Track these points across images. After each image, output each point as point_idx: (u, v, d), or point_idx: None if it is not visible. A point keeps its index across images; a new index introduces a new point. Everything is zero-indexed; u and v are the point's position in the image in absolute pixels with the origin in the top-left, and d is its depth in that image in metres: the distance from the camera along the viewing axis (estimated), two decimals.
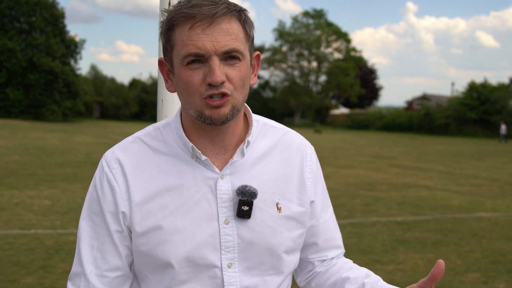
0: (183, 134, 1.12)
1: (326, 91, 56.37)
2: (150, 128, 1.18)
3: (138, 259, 1.13)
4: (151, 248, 1.09)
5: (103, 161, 1.13)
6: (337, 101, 61.15)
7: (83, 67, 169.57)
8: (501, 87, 41.88)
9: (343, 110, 58.93)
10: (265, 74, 57.18)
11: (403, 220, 7.62)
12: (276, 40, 56.29)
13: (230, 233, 1.10)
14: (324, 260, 1.27)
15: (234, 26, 1.04)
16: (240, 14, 1.05)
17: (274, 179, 1.14)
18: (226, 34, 1.02)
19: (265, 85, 56.61)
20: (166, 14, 1.06)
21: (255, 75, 1.14)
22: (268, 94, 57.65)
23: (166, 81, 1.12)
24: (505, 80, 45.47)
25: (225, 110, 1.04)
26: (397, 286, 1.18)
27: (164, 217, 1.08)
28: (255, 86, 59.30)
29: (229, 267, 1.10)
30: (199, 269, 1.09)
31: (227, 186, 1.10)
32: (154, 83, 51.22)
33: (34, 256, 5.09)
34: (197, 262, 1.09)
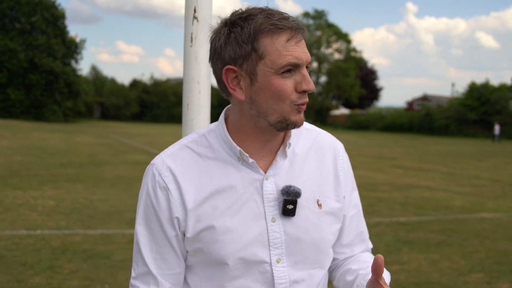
0: (230, 139, 1.17)
1: (326, 91, 56.40)
2: (195, 135, 1.22)
3: (192, 258, 1.19)
4: (204, 247, 1.15)
5: (153, 170, 1.17)
6: (338, 102, 61.18)
7: (83, 67, 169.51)
8: (502, 88, 41.91)
9: (343, 110, 58.97)
10: None
11: (406, 221, 7.64)
12: None
13: (277, 230, 1.16)
14: (349, 255, 1.33)
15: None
16: (305, 30, 1.15)
17: (312, 178, 1.21)
18: (305, 46, 1.12)
19: None
20: (244, 22, 1.09)
21: None
22: None
23: (231, 88, 1.13)
24: (505, 81, 45.46)
25: (303, 115, 1.15)
26: (402, 286, 1.23)
27: (216, 218, 1.14)
28: None
29: (277, 262, 1.16)
30: (250, 265, 1.16)
31: (271, 186, 1.17)
32: (155, 84, 51.26)
33: (40, 257, 5.11)
34: (248, 259, 1.15)
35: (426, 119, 43.39)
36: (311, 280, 1.20)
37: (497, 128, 34.45)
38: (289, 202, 1.15)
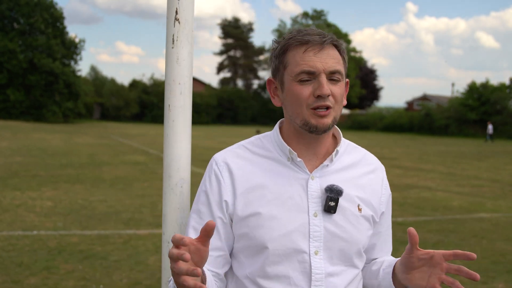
0: (282, 140, 1.33)
1: None
2: (253, 138, 1.41)
3: (237, 243, 1.31)
4: (250, 231, 1.27)
5: (212, 161, 1.34)
6: None
7: (83, 68, 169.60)
8: (501, 88, 41.86)
9: (343, 110, 58.93)
10: (265, 75, 57.25)
11: (404, 221, 7.64)
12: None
13: (318, 224, 1.28)
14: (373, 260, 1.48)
15: (336, 53, 1.28)
16: (340, 45, 1.30)
17: (356, 186, 1.35)
18: (332, 58, 1.26)
19: (265, 86, 56.60)
20: (277, 42, 1.31)
21: (345, 98, 1.33)
22: (268, 95, 57.39)
23: (272, 97, 1.36)
24: (505, 81, 45.43)
25: (328, 120, 1.26)
26: None
27: (263, 205, 1.27)
28: (255, 87, 59.42)
29: (315, 254, 1.28)
30: (289, 253, 1.27)
31: (316, 185, 1.30)
32: (155, 84, 51.24)
33: (37, 257, 5.12)
34: (288, 246, 1.26)
35: (426, 119, 43.35)
36: (344, 276, 1.30)
37: (490, 128, 34.65)
38: (331, 199, 1.28)
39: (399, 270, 1.28)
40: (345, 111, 57.93)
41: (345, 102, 1.33)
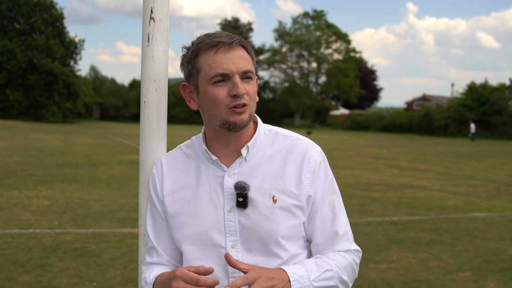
0: (201, 141, 1.42)
1: (326, 92, 56.42)
2: (191, 139, 1.49)
3: (174, 235, 1.42)
4: (173, 231, 1.40)
5: (154, 164, 1.47)
6: (337, 102, 61.21)
7: (82, 68, 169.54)
8: (501, 88, 41.88)
9: (343, 111, 58.97)
10: (265, 75, 57.28)
11: (398, 220, 7.68)
12: (276, 40, 56.33)
13: (232, 219, 1.35)
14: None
15: (245, 53, 1.34)
16: (246, 44, 1.36)
17: (274, 177, 1.37)
18: (241, 58, 1.31)
19: (264, 86, 56.63)
20: (187, 48, 1.35)
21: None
22: (268, 95, 57.68)
23: (188, 101, 1.40)
24: (506, 81, 45.47)
25: (245, 116, 1.32)
26: (389, 284, 1.37)
27: (183, 206, 1.38)
28: None
29: (232, 247, 1.35)
30: (208, 248, 1.36)
31: (232, 182, 1.36)
32: None
33: (31, 255, 5.15)
34: (206, 242, 1.36)
35: (425, 120, 43.39)
36: (265, 265, 1.33)
37: (472, 127, 35.25)
38: (239, 195, 1.33)
39: None
40: (345, 111, 57.99)
41: (257, 99, 1.40)
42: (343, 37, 55.81)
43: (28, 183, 9.57)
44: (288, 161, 1.39)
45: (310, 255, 1.44)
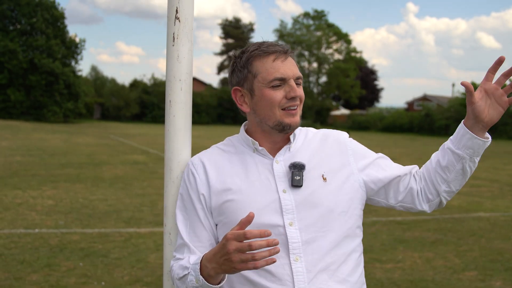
0: (245, 134, 1.51)
1: (326, 92, 56.39)
2: (225, 139, 1.59)
3: (219, 231, 1.47)
4: (226, 218, 1.43)
5: (189, 162, 1.51)
6: (338, 102, 61.19)
7: (83, 68, 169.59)
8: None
9: (343, 111, 58.95)
10: None
11: (403, 220, 7.69)
12: (277, 40, 56.35)
13: (288, 198, 1.42)
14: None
15: (295, 62, 1.48)
16: (294, 55, 1.51)
17: (317, 159, 1.49)
18: (294, 66, 1.47)
19: None
20: (240, 55, 1.48)
21: None
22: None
23: (240, 104, 1.51)
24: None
25: (298, 118, 1.46)
26: (396, 284, 1.41)
27: (235, 193, 1.43)
28: None
29: (290, 225, 1.41)
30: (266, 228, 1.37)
31: (281, 167, 1.46)
32: (155, 84, 51.25)
33: (38, 255, 5.17)
34: (264, 223, 1.39)
35: (426, 120, 43.38)
36: (322, 241, 1.41)
37: None
38: (296, 174, 1.43)
39: (471, 123, 1.49)
40: (345, 111, 57.98)
41: None
42: (344, 37, 55.79)
43: (32, 183, 9.58)
44: (326, 145, 1.54)
45: (359, 230, 1.54)
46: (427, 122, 43.18)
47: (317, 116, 54.59)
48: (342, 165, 1.51)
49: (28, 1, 37.75)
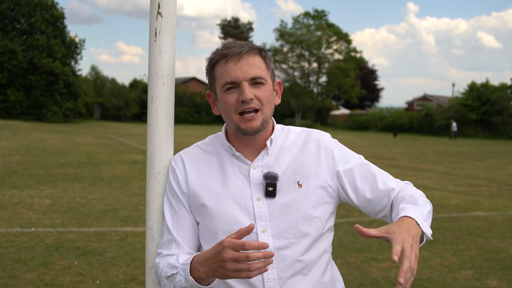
0: (225, 139, 1.50)
1: (326, 92, 56.37)
2: (207, 138, 1.58)
3: (200, 229, 1.48)
4: (202, 221, 1.45)
5: (172, 160, 1.51)
6: (338, 102, 61.18)
7: (83, 68, 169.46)
8: (502, 88, 41.84)
9: (343, 111, 58.93)
10: None
11: None
12: (277, 40, 56.30)
13: (262, 206, 1.42)
14: (392, 198, 1.52)
15: (256, 60, 1.41)
16: (260, 51, 1.44)
17: (294, 164, 1.46)
18: (251, 65, 1.39)
19: None
20: (207, 59, 1.45)
21: (278, 97, 1.52)
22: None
23: (212, 107, 1.52)
24: (507, 81, 45.41)
25: (257, 123, 1.40)
26: (392, 282, 1.40)
27: (211, 197, 1.43)
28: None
29: (263, 232, 1.41)
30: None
31: (258, 174, 1.44)
32: None
33: (34, 253, 5.16)
34: (236, 229, 1.34)
35: (426, 119, 43.37)
36: (295, 247, 1.41)
37: (454, 125, 36.24)
38: (268, 185, 1.41)
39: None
40: (345, 111, 57.98)
41: (278, 101, 1.50)
42: (344, 37, 55.76)
43: (30, 182, 9.58)
44: (305, 149, 1.49)
45: (331, 235, 1.52)
46: (427, 122, 43.16)
47: (317, 116, 54.57)
48: (319, 169, 1.48)
49: (28, 1, 37.74)
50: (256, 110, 1.39)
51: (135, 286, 4.43)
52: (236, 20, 61.91)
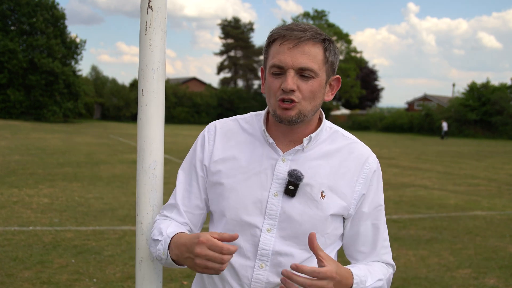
0: (262, 122, 1.42)
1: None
2: (249, 114, 1.50)
3: (210, 205, 1.44)
4: (215, 198, 1.40)
5: (206, 127, 1.47)
6: (338, 102, 61.18)
7: (83, 68, 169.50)
8: (502, 88, 41.83)
9: (343, 111, 58.93)
10: None
11: (399, 218, 7.68)
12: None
13: (275, 203, 1.34)
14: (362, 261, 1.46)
15: (314, 50, 1.31)
16: (324, 42, 1.33)
17: (327, 173, 1.36)
18: (305, 54, 1.29)
19: None
20: (269, 33, 1.36)
21: (332, 94, 1.40)
22: None
23: (262, 84, 1.41)
24: (507, 81, 45.41)
25: (291, 113, 1.30)
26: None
27: (229, 176, 1.38)
28: (256, 87, 59.39)
29: (268, 231, 1.34)
30: (243, 225, 1.35)
31: (285, 167, 1.36)
32: None
33: (31, 252, 5.16)
34: (243, 218, 1.35)
35: (426, 120, 43.36)
36: (294, 257, 1.33)
37: (444, 125, 36.44)
38: (290, 183, 1.32)
39: None
40: (346, 111, 57.97)
41: (329, 98, 1.39)
42: (344, 37, 55.75)
43: (29, 182, 9.58)
44: (344, 162, 1.38)
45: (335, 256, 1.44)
46: (427, 122, 43.16)
47: None
48: (349, 190, 1.37)
49: (28, 1, 37.75)
50: (292, 101, 1.30)
51: (132, 285, 4.43)
52: (236, 20, 61.88)
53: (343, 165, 1.38)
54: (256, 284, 1.34)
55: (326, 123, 1.43)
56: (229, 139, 1.42)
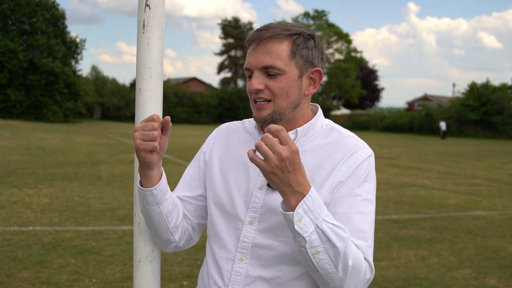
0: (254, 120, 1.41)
1: (327, 92, 56.36)
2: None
3: (207, 197, 1.48)
4: (208, 191, 1.45)
5: (220, 126, 1.57)
6: (338, 102, 61.16)
7: (84, 68, 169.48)
8: (502, 88, 41.82)
9: (344, 111, 58.93)
10: None
11: (399, 218, 7.67)
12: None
13: (259, 196, 1.35)
14: None
15: (278, 47, 1.29)
16: (291, 36, 1.30)
17: (312, 166, 1.33)
18: (267, 53, 1.28)
19: None
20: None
21: (314, 88, 1.37)
22: None
23: None
24: (507, 81, 45.38)
25: (264, 113, 1.31)
26: (389, 281, 1.34)
27: (221, 171, 1.43)
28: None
29: (250, 224, 1.35)
30: (228, 217, 1.39)
31: None
32: None
33: (31, 252, 5.15)
34: (227, 209, 1.39)
35: (426, 120, 43.36)
36: (273, 250, 1.32)
37: (443, 125, 36.59)
38: None
39: None
40: (346, 111, 57.96)
41: (309, 92, 1.34)
42: (344, 37, 55.75)
43: (29, 182, 9.57)
44: (333, 154, 1.33)
45: None
46: (428, 122, 43.16)
47: None
48: (326, 179, 1.30)
49: (28, 0, 37.75)
50: (269, 101, 1.30)
51: (132, 285, 4.41)
52: (236, 20, 61.89)
53: (330, 157, 1.32)
54: (236, 277, 1.34)
55: (321, 120, 1.41)
56: (231, 137, 1.49)
